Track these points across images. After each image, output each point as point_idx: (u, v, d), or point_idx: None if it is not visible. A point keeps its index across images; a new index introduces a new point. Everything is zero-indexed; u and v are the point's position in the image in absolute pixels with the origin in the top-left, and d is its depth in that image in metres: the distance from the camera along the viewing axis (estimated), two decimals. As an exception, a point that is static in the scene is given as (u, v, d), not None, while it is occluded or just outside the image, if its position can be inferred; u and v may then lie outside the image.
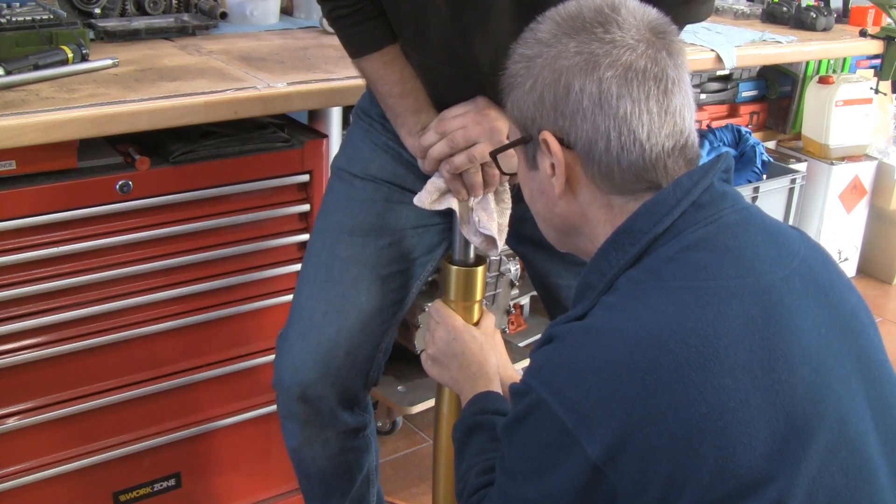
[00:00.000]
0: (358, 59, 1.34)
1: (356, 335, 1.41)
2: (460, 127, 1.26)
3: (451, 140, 1.26)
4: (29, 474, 1.62)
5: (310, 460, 1.51)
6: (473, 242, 1.34)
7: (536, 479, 0.91)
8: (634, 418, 0.83)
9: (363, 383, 1.46)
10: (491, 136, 1.24)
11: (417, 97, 1.32)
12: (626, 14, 0.94)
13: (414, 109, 1.32)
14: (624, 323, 0.87)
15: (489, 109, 1.26)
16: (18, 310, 1.54)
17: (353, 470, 1.56)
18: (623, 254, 0.93)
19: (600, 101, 0.92)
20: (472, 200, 1.32)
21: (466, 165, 1.27)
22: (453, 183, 1.30)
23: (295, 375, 1.41)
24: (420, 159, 1.32)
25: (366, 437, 1.56)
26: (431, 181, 1.32)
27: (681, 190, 0.92)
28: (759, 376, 0.84)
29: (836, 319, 0.92)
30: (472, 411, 1.18)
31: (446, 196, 1.33)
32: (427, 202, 1.32)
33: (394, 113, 1.35)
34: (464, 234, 1.34)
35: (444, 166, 1.29)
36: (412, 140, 1.33)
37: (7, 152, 1.42)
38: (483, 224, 1.31)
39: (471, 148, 1.26)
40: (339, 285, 1.40)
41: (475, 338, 1.29)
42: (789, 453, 0.83)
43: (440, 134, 1.27)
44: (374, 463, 1.61)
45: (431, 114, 1.32)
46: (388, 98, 1.33)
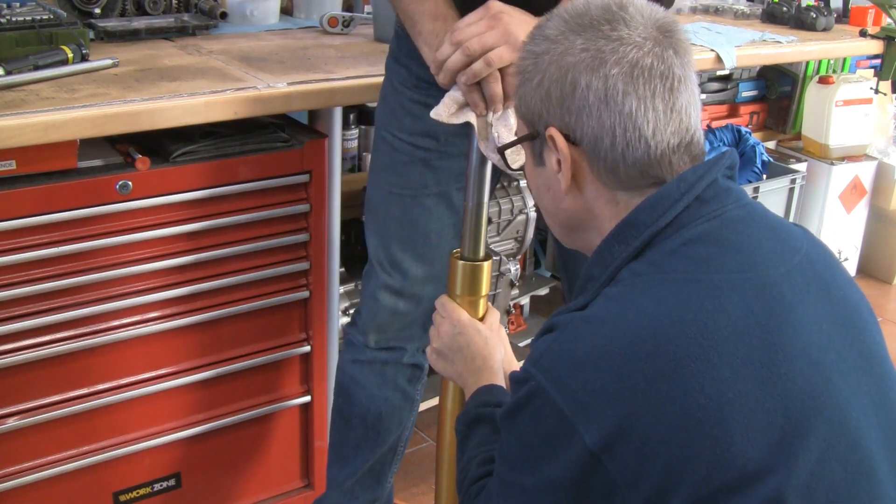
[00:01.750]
0: None
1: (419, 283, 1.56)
2: (475, 34, 1.22)
3: (467, 49, 1.22)
4: (29, 474, 1.62)
5: (362, 381, 1.61)
6: (492, 159, 1.29)
7: (534, 467, 0.91)
8: (633, 408, 0.83)
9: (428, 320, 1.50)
10: (508, 39, 1.21)
11: (437, 1, 1.31)
12: (633, 12, 0.94)
13: (432, 15, 1.30)
14: (625, 313, 0.88)
15: (502, 13, 1.22)
16: (18, 310, 1.54)
17: (393, 419, 1.64)
18: (626, 246, 0.94)
19: (606, 97, 0.92)
20: (492, 115, 1.28)
21: (485, 71, 1.22)
22: (471, 95, 1.26)
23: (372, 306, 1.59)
24: (436, 74, 1.28)
25: (416, 388, 1.66)
26: (449, 94, 1.28)
27: (684, 185, 0.93)
28: (759, 369, 0.85)
29: (837, 315, 0.93)
30: (476, 404, 1.19)
31: (464, 110, 1.28)
32: (445, 115, 1.28)
33: (412, 20, 1.33)
34: (482, 150, 1.29)
35: (461, 77, 1.24)
36: (429, 50, 1.30)
37: (7, 152, 1.42)
38: (503, 139, 1.26)
39: (488, 53, 1.22)
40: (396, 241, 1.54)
41: (480, 332, 1.29)
42: (787, 446, 0.83)
43: (454, 44, 1.23)
44: (407, 433, 1.69)
45: (450, 21, 1.29)
46: (407, 5, 1.32)
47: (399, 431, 1.68)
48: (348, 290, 2.12)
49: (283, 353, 1.83)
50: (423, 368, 1.67)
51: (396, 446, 1.69)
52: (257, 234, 1.74)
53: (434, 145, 1.47)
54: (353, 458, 1.66)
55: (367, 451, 1.65)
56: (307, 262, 1.80)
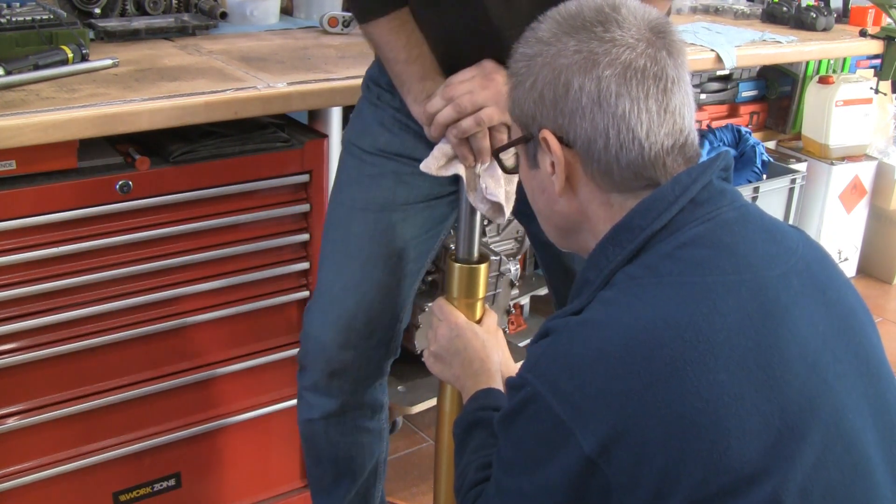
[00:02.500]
0: (365, 25, 1.33)
1: (374, 308, 1.45)
2: (467, 91, 1.25)
3: (458, 105, 1.25)
4: (29, 474, 1.62)
5: (324, 434, 1.54)
6: (480, 210, 1.33)
7: (531, 472, 0.91)
8: (629, 412, 0.83)
9: (384, 353, 1.50)
10: (498, 99, 1.23)
11: (424, 63, 1.31)
12: (626, 13, 0.94)
13: (420, 76, 1.31)
14: (620, 317, 0.88)
15: (496, 73, 1.24)
16: (18, 310, 1.54)
17: (364, 454, 1.58)
18: (620, 250, 0.94)
19: (599, 99, 0.92)
20: (480, 167, 1.30)
21: (474, 129, 1.26)
22: (460, 148, 1.29)
23: (318, 348, 1.47)
24: (426, 126, 1.31)
25: (381, 421, 1.59)
26: (438, 147, 1.31)
27: (679, 187, 0.93)
28: (755, 372, 0.84)
29: (833, 317, 0.92)
30: (474, 407, 1.19)
31: (453, 162, 1.31)
32: (434, 168, 1.31)
33: (400, 80, 1.34)
34: (471, 200, 1.33)
35: (451, 131, 1.27)
36: (418, 108, 1.32)
37: (7, 152, 1.42)
38: (490, 191, 1.29)
39: (478, 112, 1.24)
40: (356, 261, 1.44)
41: (477, 335, 1.29)
42: (784, 449, 0.83)
43: (447, 99, 1.26)
44: (383, 456, 1.64)
45: (438, 80, 1.30)
46: (395, 65, 1.33)
47: (374, 461, 1.61)
48: (348, 289, 2.12)
49: (283, 353, 1.83)
50: (382, 402, 1.58)
51: (376, 469, 1.63)
52: (257, 234, 1.74)
53: (407, 162, 1.41)
54: (333, 490, 1.61)
55: (347, 485, 1.60)
56: (307, 262, 1.81)
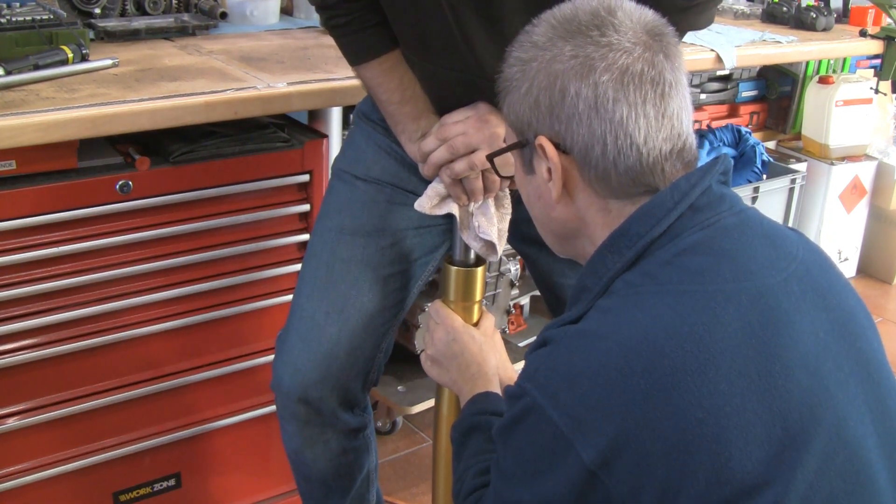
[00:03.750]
0: (356, 67, 1.33)
1: (357, 336, 1.41)
2: (461, 133, 1.25)
3: (452, 146, 1.25)
4: (29, 474, 1.62)
5: (310, 462, 1.51)
6: (473, 247, 1.34)
7: (531, 483, 0.90)
8: (630, 423, 0.82)
9: (363, 384, 1.46)
10: (491, 142, 1.23)
11: (417, 104, 1.32)
12: (622, 17, 0.93)
13: (414, 116, 1.32)
14: (619, 327, 0.87)
15: (490, 115, 1.25)
16: (18, 310, 1.54)
17: (354, 470, 1.56)
18: (619, 257, 0.92)
19: (596, 105, 0.91)
20: (472, 205, 1.32)
21: (466, 172, 1.26)
22: (453, 188, 1.30)
23: (295, 377, 1.41)
24: (420, 164, 1.32)
25: (366, 437, 1.55)
26: (432, 186, 1.32)
27: (678, 193, 0.92)
28: (756, 381, 0.84)
29: (834, 323, 0.92)
30: (471, 412, 1.18)
31: (446, 201, 1.32)
32: (427, 207, 1.32)
33: (394, 120, 1.34)
34: (464, 238, 1.34)
35: (444, 172, 1.28)
36: (412, 146, 1.33)
37: (7, 152, 1.42)
38: (483, 229, 1.31)
39: (471, 154, 1.25)
40: (341, 286, 1.40)
41: (474, 338, 1.28)
42: (786, 458, 0.82)
43: (440, 140, 1.26)
44: (373, 463, 1.61)
45: (432, 120, 1.31)
46: (388, 105, 1.33)
47: (364, 471, 1.58)
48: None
49: (282, 352, 1.83)
50: (365, 422, 1.53)
51: (368, 477, 1.61)
52: (257, 233, 1.74)
53: (400, 192, 1.41)
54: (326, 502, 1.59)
55: (338, 498, 1.58)
56: (307, 262, 1.81)
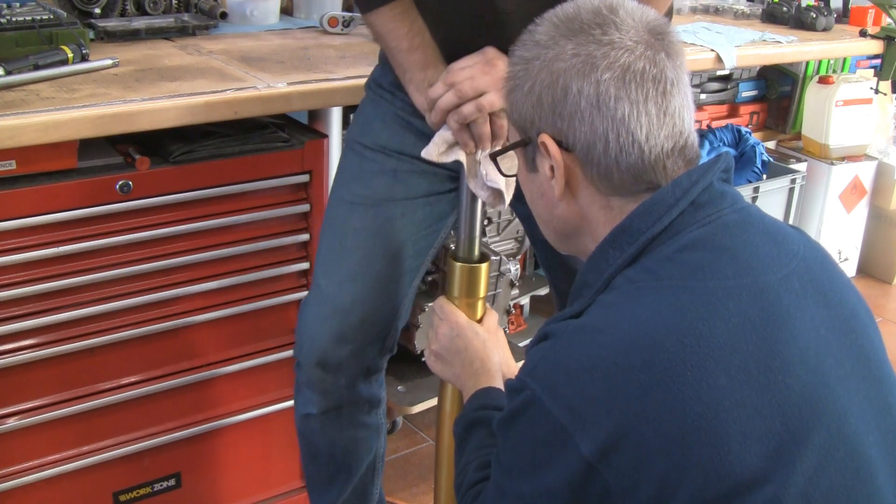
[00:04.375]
0: (368, 14, 1.34)
1: (371, 303, 1.45)
2: (468, 77, 1.25)
3: (459, 90, 1.25)
4: (29, 474, 1.62)
5: (320, 430, 1.54)
6: (481, 196, 1.33)
7: (531, 475, 0.91)
8: (629, 416, 0.83)
9: (379, 349, 1.50)
10: (499, 85, 1.21)
11: (426, 52, 1.32)
12: (624, 15, 0.94)
13: (422, 64, 1.32)
14: (620, 321, 0.87)
15: (497, 60, 1.25)
16: (18, 310, 1.54)
17: (361, 449, 1.58)
18: (621, 253, 0.93)
19: (598, 103, 0.92)
20: (480, 153, 1.30)
21: (475, 115, 1.26)
22: (461, 134, 1.29)
23: (312, 343, 1.46)
24: (427, 113, 1.31)
25: (378, 416, 1.59)
26: (439, 133, 1.31)
27: (679, 190, 0.92)
28: (756, 376, 0.84)
29: (835, 320, 0.92)
30: (474, 406, 1.19)
31: (454, 148, 1.31)
32: (434, 154, 1.31)
33: (402, 69, 1.34)
34: (471, 187, 1.32)
35: (451, 117, 1.28)
36: (420, 96, 1.33)
37: (7, 152, 1.42)
38: (491, 177, 1.29)
39: (479, 98, 1.25)
40: (354, 255, 1.43)
41: (478, 334, 1.29)
42: (785, 453, 0.83)
43: (448, 85, 1.26)
44: (381, 451, 1.64)
45: (440, 69, 1.31)
46: (397, 53, 1.33)
47: (371, 456, 1.61)
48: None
49: (283, 353, 1.83)
50: (380, 397, 1.58)
51: (374, 465, 1.63)
52: (257, 234, 1.74)
53: (408, 160, 1.42)
54: (330, 487, 1.61)
55: (343, 482, 1.60)
56: (307, 262, 1.80)
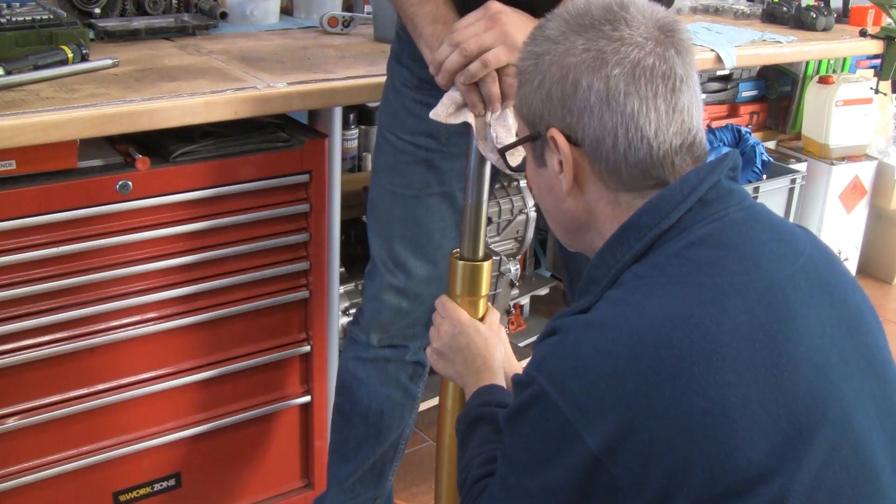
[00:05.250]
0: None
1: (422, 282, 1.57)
2: (472, 35, 1.23)
3: (464, 49, 1.23)
4: (29, 474, 1.62)
5: (365, 380, 1.62)
6: (490, 159, 1.30)
7: (537, 470, 0.91)
8: (636, 412, 0.83)
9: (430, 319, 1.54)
10: (504, 39, 1.21)
11: (437, 4, 1.31)
12: (634, 12, 0.94)
13: (432, 17, 1.31)
14: (627, 317, 0.88)
15: (500, 14, 1.23)
16: (18, 310, 1.53)
17: (395, 416, 1.65)
18: (628, 249, 0.93)
19: (608, 98, 0.92)
20: (490, 115, 1.28)
21: (482, 72, 1.23)
22: (469, 95, 1.27)
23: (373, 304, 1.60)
24: (436, 75, 1.30)
25: (418, 386, 1.67)
26: (448, 94, 1.29)
27: (687, 186, 0.93)
28: (762, 373, 0.84)
29: (840, 318, 0.92)
30: (476, 403, 1.19)
31: (462, 110, 1.29)
32: (443, 115, 1.29)
33: (413, 24, 1.34)
34: (480, 150, 1.30)
35: (458, 77, 1.25)
36: (429, 52, 1.32)
37: (7, 152, 1.42)
38: (501, 139, 1.27)
39: (485, 54, 1.23)
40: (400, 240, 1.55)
41: (480, 332, 1.29)
42: (791, 450, 0.83)
43: (453, 45, 1.24)
44: (408, 431, 1.69)
45: (450, 23, 1.29)
46: (408, 7, 1.33)
47: (400, 429, 1.69)
48: (348, 290, 2.12)
49: (283, 352, 1.83)
50: (425, 366, 1.68)
51: (398, 444, 1.70)
52: (257, 234, 1.73)
53: (436, 145, 1.47)
54: (354, 456, 1.66)
55: (369, 450, 1.65)
56: (307, 262, 1.80)
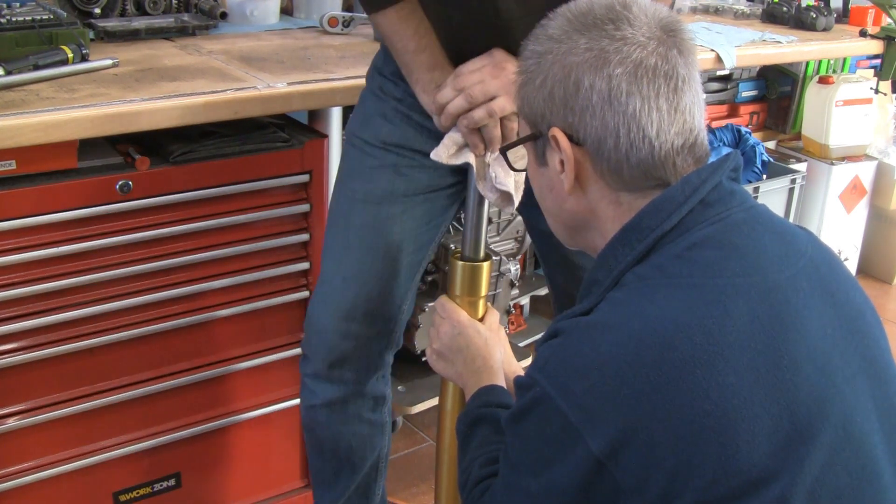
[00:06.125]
0: (374, 14, 1.34)
1: (374, 300, 1.46)
2: (478, 81, 1.24)
3: (469, 95, 1.24)
4: (29, 474, 1.61)
5: (326, 423, 1.55)
6: (489, 198, 1.32)
7: (539, 472, 0.91)
8: (638, 414, 0.83)
9: (385, 344, 1.51)
10: (509, 89, 1.22)
11: (433, 52, 1.31)
12: (637, 11, 0.94)
13: (429, 66, 1.31)
14: (630, 319, 0.87)
15: (506, 62, 1.24)
16: (18, 310, 1.53)
17: (366, 446, 1.59)
18: (630, 250, 0.93)
19: (610, 98, 0.92)
20: (489, 155, 1.30)
21: (485, 120, 1.25)
22: (471, 137, 1.28)
23: (319, 337, 1.48)
24: (436, 116, 1.31)
25: (382, 414, 1.60)
26: (449, 135, 1.30)
27: (689, 187, 0.93)
28: (764, 375, 0.84)
29: (841, 319, 0.92)
30: (477, 404, 1.19)
31: (463, 150, 1.31)
32: (444, 156, 1.31)
33: (408, 69, 1.34)
34: (480, 189, 1.32)
35: (461, 121, 1.27)
36: (427, 97, 1.32)
37: (7, 152, 1.42)
38: (500, 179, 1.29)
39: (489, 102, 1.24)
40: (355, 252, 1.45)
41: (480, 333, 1.29)
42: (793, 452, 0.83)
43: (457, 90, 1.26)
44: (385, 451, 1.64)
45: (447, 70, 1.30)
46: (404, 54, 1.33)
47: (376, 453, 1.62)
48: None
49: (283, 352, 1.83)
50: (385, 394, 1.59)
51: (377, 464, 1.64)
52: (257, 234, 1.73)
53: (408, 154, 1.42)
54: (334, 484, 1.61)
55: (347, 479, 1.61)
56: (307, 262, 1.80)
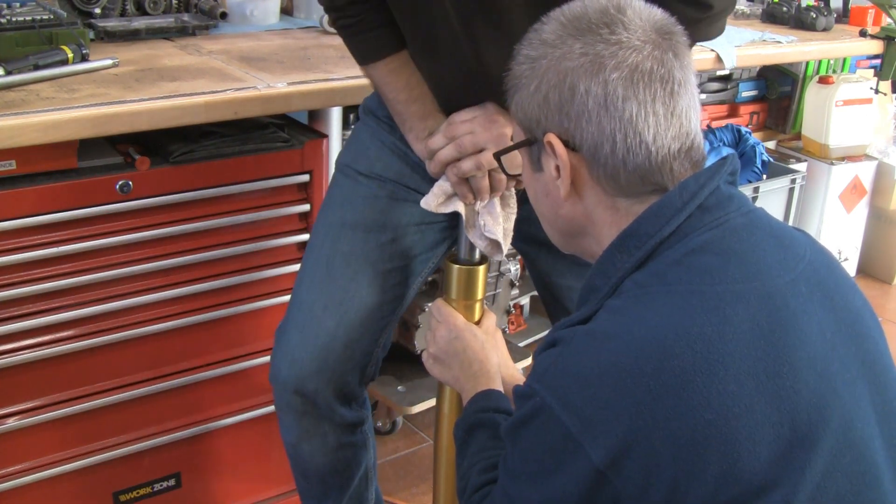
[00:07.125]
0: (364, 67, 1.34)
1: (355, 329, 1.41)
2: (468, 132, 1.25)
3: (459, 145, 1.26)
4: (29, 474, 1.62)
5: (307, 455, 1.52)
6: (479, 246, 1.35)
7: (539, 483, 0.90)
8: (639, 423, 0.83)
9: (360, 378, 1.46)
10: (499, 142, 1.24)
11: (424, 103, 1.32)
12: (631, 15, 0.93)
13: (421, 115, 1.32)
14: (629, 327, 0.87)
15: (498, 115, 1.25)
16: (18, 310, 1.53)
17: (352, 467, 1.56)
18: (628, 257, 0.92)
19: (606, 102, 0.91)
20: (479, 204, 1.32)
21: (473, 171, 1.27)
22: (460, 187, 1.30)
23: (292, 368, 1.42)
24: (427, 162, 1.32)
25: (363, 433, 1.56)
26: (438, 184, 1.32)
27: (687, 193, 0.92)
28: (765, 381, 0.84)
29: (841, 324, 0.92)
30: (474, 409, 1.18)
31: (452, 199, 1.33)
32: (433, 205, 1.33)
33: (401, 118, 1.35)
34: (469, 237, 1.35)
35: (450, 170, 1.28)
36: (420, 145, 1.33)
37: (7, 152, 1.42)
38: (488, 228, 1.31)
39: (478, 154, 1.25)
40: (340, 279, 1.40)
41: (476, 336, 1.29)
42: (794, 459, 0.83)
43: (448, 138, 1.27)
44: (371, 461, 1.61)
45: (439, 119, 1.31)
46: (395, 104, 1.34)
47: (362, 468, 1.59)
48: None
49: (282, 353, 1.83)
50: (362, 417, 1.53)
51: (367, 475, 1.61)
52: (257, 233, 1.73)
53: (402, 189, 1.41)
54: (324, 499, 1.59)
55: (336, 496, 1.58)
56: (307, 262, 1.80)
